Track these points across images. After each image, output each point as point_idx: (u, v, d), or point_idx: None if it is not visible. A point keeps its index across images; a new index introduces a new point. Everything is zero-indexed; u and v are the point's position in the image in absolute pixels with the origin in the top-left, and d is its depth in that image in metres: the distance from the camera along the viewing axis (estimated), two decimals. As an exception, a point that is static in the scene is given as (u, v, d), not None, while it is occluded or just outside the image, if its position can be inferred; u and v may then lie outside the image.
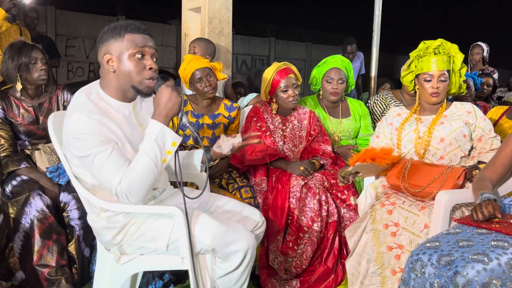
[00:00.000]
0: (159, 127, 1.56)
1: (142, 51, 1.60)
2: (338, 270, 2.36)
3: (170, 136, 1.57)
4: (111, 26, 1.64)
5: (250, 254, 1.69)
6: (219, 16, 3.77)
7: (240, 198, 2.38)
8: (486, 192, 1.74)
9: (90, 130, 1.53)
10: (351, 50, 4.90)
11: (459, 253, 1.48)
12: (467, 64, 4.95)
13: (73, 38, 9.00)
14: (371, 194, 2.27)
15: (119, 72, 1.62)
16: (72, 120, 1.56)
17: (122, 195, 1.56)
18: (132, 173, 1.54)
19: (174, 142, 1.58)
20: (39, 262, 2.15)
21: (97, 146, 1.54)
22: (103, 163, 1.54)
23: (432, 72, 2.22)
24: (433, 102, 2.28)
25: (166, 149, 1.57)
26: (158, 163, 1.56)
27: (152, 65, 1.62)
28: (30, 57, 2.35)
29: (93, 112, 1.57)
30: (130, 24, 1.62)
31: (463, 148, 2.22)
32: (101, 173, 1.55)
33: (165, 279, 2.37)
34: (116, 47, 1.60)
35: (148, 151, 1.55)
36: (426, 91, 2.26)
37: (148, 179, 1.56)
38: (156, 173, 1.56)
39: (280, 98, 2.63)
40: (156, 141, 1.55)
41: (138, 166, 1.55)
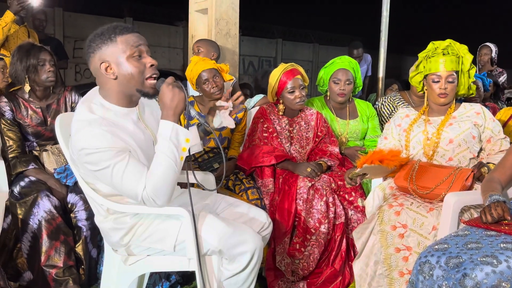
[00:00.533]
0: (170, 126, 1.55)
1: (139, 50, 1.57)
2: (346, 272, 2.35)
3: (182, 133, 1.57)
4: (98, 33, 1.58)
5: (257, 256, 1.69)
6: (226, 17, 3.77)
7: (247, 200, 2.38)
8: (495, 193, 1.72)
9: (104, 143, 1.51)
10: (357, 54, 4.88)
11: (468, 255, 1.46)
12: (476, 65, 4.91)
13: (81, 40, 9.06)
14: (379, 195, 2.26)
15: (121, 77, 1.58)
16: (82, 136, 1.52)
17: (149, 199, 1.55)
18: (155, 177, 1.53)
19: (187, 139, 1.58)
20: (47, 263, 2.16)
21: (114, 157, 1.51)
22: (124, 172, 1.52)
23: (440, 73, 2.21)
24: (441, 103, 2.26)
25: (181, 146, 1.56)
26: (177, 161, 1.55)
27: (152, 62, 1.60)
28: (38, 59, 2.36)
29: (103, 124, 1.54)
30: (117, 26, 1.58)
31: (472, 150, 2.20)
32: (122, 182, 1.53)
33: (172, 280, 2.37)
34: (111, 53, 1.55)
35: (166, 151, 1.54)
36: (434, 92, 2.24)
37: (171, 179, 1.55)
38: (177, 171, 1.56)
39: (287, 99, 2.62)
40: (171, 140, 1.54)
41: (160, 168, 1.54)
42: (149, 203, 1.56)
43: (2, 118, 2.37)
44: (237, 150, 2.81)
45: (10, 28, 3.48)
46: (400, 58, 14.06)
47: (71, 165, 1.75)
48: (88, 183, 1.70)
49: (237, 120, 2.81)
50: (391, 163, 2.11)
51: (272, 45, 12.60)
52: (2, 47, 3.62)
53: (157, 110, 1.85)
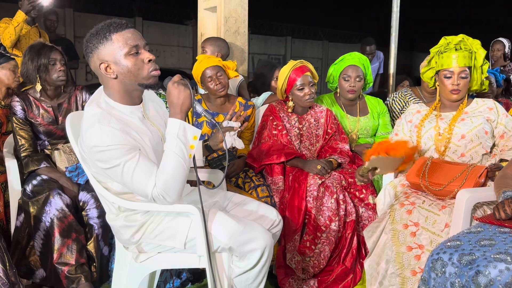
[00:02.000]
0: (178, 124, 1.56)
1: (136, 47, 1.55)
2: (357, 270, 2.33)
3: (190, 130, 1.58)
4: (93, 32, 1.56)
5: (267, 253, 1.68)
6: (235, 15, 3.77)
7: (257, 197, 2.38)
8: (508, 190, 1.70)
9: (115, 141, 1.51)
10: (370, 51, 4.85)
11: (481, 252, 1.45)
12: (488, 60, 4.84)
13: (92, 40, 9.14)
14: (390, 193, 2.23)
15: (121, 76, 1.57)
16: (93, 133, 1.52)
17: (159, 197, 1.55)
18: (165, 174, 1.54)
19: (195, 136, 1.59)
20: (59, 260, 2.18)
21: (125, 155, 1.52)
22: (134, 170, 1.53)
23: (452, 69, 2.17)
24: (453, 99, 2.23)
25: (189, 144, 1.57)
26: (186, 158, 1.56)
27: (150, 56, 1.57)
28: (49, 58, 2.38)
29: (112, 122, 1.54)
30: (111, 23, 1.55)
31: (484, 145, 2.17)
32: (133, 180, 1.54)
33: (182, 277, 2.38)
34: (108, 52, 1.54)
35: (174, 148, 1.55)
36: (446, 88, 2.21)
37: (180, 176, 1.56)
38: (186, 168, 1.57)
39: (296, 96, 2.61)
40: (179, 137, 1.55)
41: (169, 166, 1.55)
42: (160, 201, 1.57)
43: (14, 117, 2.40)
44: (247, 148, 2.81)
45: (22, 28, 3.52)
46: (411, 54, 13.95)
47: (82, 163, 1.76)
48: (100, 182, 1.72)
49: (246, 117, 2.80)
50: (397, 152, 2.08)
51: (281, 43, 12.57)
52: (14, 47, 3.66)
53: (163, 107, 1.87)
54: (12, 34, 3.48)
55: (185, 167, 1.57)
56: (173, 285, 2.35)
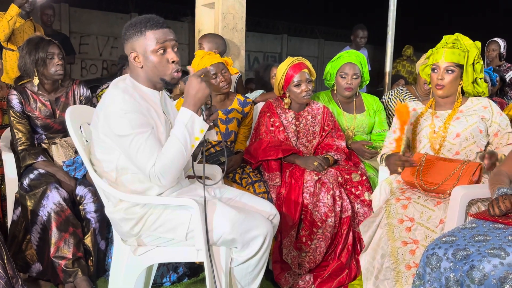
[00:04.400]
0: (189, 114, 1.63)
1: (164, 46, 1.68)
2: (352, 266, 2.36)
3: (198, 123, 1.65)
4: (132, 23, 1.70)
5: (268, 240, 1.73)
6: (232, 11, 3.77)
7: (254, 193, 2.39)
8: (503, 187, 1.73)
9: (133, 110, 1.62)
10: (363, 35, 4.93)
11: (475, 248, 1.47)
12: (484, 61, 4.88)
13: (87, 35, 9.08)
14: (386, 189, 2.26)
15: (146, 67, 1.70)
16: (116, 100, 1.64)
17: (155, 177, 1.63)
18: (165, 157, 1.62)
19: (202, 129, 1.66)
20: (56, 254, 2.18)
21: (138, 127, 1.62)
22: (141, 144, 1.62)
23: (438, 63, 2.20)
24: (438, 95, 2.25)
25: (195, 135, 1.65)
26: (188, 147, 1.64)
27: (174, 58, 1.70)
28: (47, 52, 2.38)
29: (134, 95, 1.67)
30: (149, 20, 1.68)
31: (479, 144, 2.19)
32: (137, 154, 1.62)
33: (179, 272, 2.39)
34: (140, 45, 1.68)
35: (179, 136, 1.62)
36: (433, 82, 2.25)
37: (179, 162, 1.64)
38: (186, 156, 1.64)
39: (293, 93, 2.63)
40: (186, 127, 1.62)
41: (170, 151, 1.63)
42: (155, 180, 1.65)
43: (11, 110, 2.40)
44: (244, 144, 2.82)
45: (15, 21, 3.50)
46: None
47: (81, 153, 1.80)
48: (98, 173, 1.73)
49: (244, 114, 2.82)
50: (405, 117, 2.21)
51: (277, 41, 12.56)
52: (8, 41, 3.65)
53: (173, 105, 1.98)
54: (6, 28, 3.46)
55: (185, 155, 1.64)
56: (170, 279, 2.36)
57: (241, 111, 2.81)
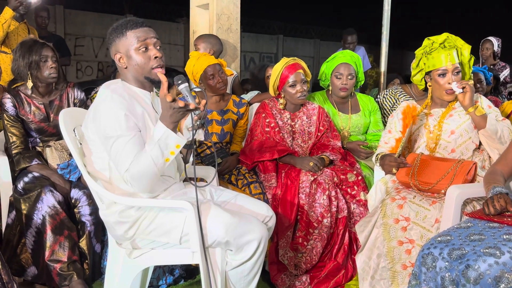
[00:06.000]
0: (162, 131, 1.61)
1: (145, 43, 1.71)
2: (348, 266, 2.36)
3: (173, 139, 1.62)
4: (114, 27, 1.77)
5: (263, 244, 1.72)
6: (227, 12, 3.77)
7: (250, 194, 2.39)
8: (498, 185, 1.73)
9: (121, 110, 1.64)
10: (351, 41, 4.90)
11: (471, 247, 1.47)
12: (478, 60, 4.90)
13: (82, 37, 9.07)
14: (381, 189, 2.26)
15: (130, 67, 1.74)
16: (104, 98, 1.68)
17: (127, 182, 1.65)
18: (136, 166, 1.62)
19: (178, 145, 1.64)
20: (51, 258, 2.17)
21: (122, 130, 1.63)
22: (120, 147, 1.63)
23: (445, 67, 2.18)
24: (447, 99, 2.24)
25: (169, 150, 1.63)
26: (159, 162, 1.62)
27: (156, 54, 1.72)
28: (40, 55, 2.36)
29: (124, 95, 1.70)
30: (129, 21, 1.74)
31: (474, 139, 2.20)
32: (116, 157, 1.64)
33: (175, 274, 2.38)
34: (122, 46, 1.73)
35: (150, 152, 1.61)
36: (442, 87, 2.21)
37: (148, 175, 1.63)
38: (156, 170, 1.62)
39: (288, 93, 2.63)
40: (159, 143, 1.61)
41: (140, 162, 1.62)
42: (128, 185, 1.66)
43: (5, 114, 2.38)
44: (239, 145, 2.82)
45: (9, 24, 3.48)
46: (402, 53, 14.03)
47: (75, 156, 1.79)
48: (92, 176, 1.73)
49: (239, 115, 2.82)
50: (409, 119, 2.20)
51: (273, 41, 12.58)
52: (2, 44, 3.62)
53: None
54: (0, 31, 3.45)
55: (156, 169, 1.62)
56: (166, 282, 2.35)
57: (237, 112, 2.81)
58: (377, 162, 2.32)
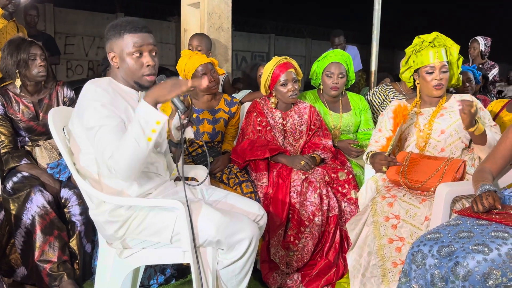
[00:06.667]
0: (142, 106, 1.57)
1: (140, 50, 1.70)
2: (339, 264, 2.37)
3: (153, 115, 1.56)
4: (113, 25, 1.74)
5: (254, 243, 1.72)
6: (218, 11, 3.76)
7: (241, 193, 2.39)
8: (486, 183, 1.74)
9: (102, 101, 1.63)
10: (339, 42, 4.92)
11: (460, 244, 1.49)
12: (467, 59, 4.94)
13: (72, 36, 8.98)
14: (372, 187, 2.27)
15: (121, 68, 1.74)
16: (87, 91, 1.68)
17: (111, 168, 1.59)
18: (119, 150, 1.57)
19: (158, 121, 1.56)
20: (41, 258, 2.16)
21: (104, 120, 1.61)
22: (103, 136, 1.60)
23: (433, 64, 2.21)
24: (436, 95, 2.27)
25: (150, 127, 1.56)
26: (141, 142, 1.55)
27: (149, 62, 1.71)
28: (29, 53, 2.34)
29: (108, 90, 1.69)
30: (129, 23, 1.71)
31: (464, 139, 2.22)
32: (99, 146, 1.60)
33: (166, 274, 2.38)
34: (117, 46, 1.71)
35: (131, 130, 1.57)
36: (429, 84, 2.24)
37: (132, 158, 1.56)
38: (139, 152, 1.56)
39: (279, 92, 2.63)
40: (139, 120, 1.57)
41: (123, 145, 1.57)
42: (112, 173, 1.60)
43: (-7, 113, 2.36)
44: (231, 144, 2.81)
45: None
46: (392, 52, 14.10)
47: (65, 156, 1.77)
48: (82, 175, 1.71)
49: (231, 114, 2.81)
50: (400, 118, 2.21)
51: (265, 40, 12.58)
52: (-9, 43, 3.58)
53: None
54: None
55: (139, 152, 1.55)
56: (157, 281, 2.34)
57: (228, 111, 2.80)
58: (368, 161, 2.33)
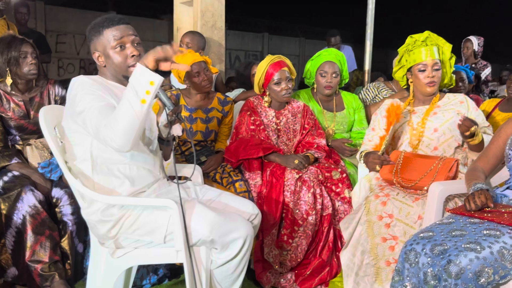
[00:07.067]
0: (136, 68, 1.53)
1: (121, 42, 1.70)
2: (333, 263, 2.37)
3: (146, 75, 1.51)
4: (92, 25, 1.75)
5: (249, 242, 1.71)
6: (211, 9, 3.75)
7: (235, 192, 2.38)
8: (478, 182, 1.75)
9: (91, 87, 1.64)
10: (335, 42, 4.94)
11: (452, 243, 1.49)
12: (460, 58, 4.97)
13: (63, 34, 8.90)
14: (365, 186, 2.27)
15: (108, 65, 1.73)
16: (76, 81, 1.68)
17: (107, 137, 1.54)
18: (114, 116, 1.54)
19: (151, 81, 1.51)
20: (32, 258, 2.13)
21: (94, 100, 1.61)
22: (97, 112, 1.59)
23: (425, 62, 2.23)
24: (429, 92, 2.28)
25: (144, 89, 1.50)
26: (136, 104, 1.50)
27: (133, 52, 1.70)
28: (20, 51, 2.32)
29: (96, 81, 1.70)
30: (106, 19, 1.72)
31: (456, 138, 2.23)
32: (93, 122, 1.59)
33: (159, 274, 2.36)
34: (100, 44, 1.71)
35: (125, 94, 1.53)
36: (422, 81, 2.25)
37: (128, 120, 1.51)
38: (134, 115, 1.51)
39: (273, 91, 2.62)
40: (132, 81, 1.52)
41: (118, 110, 1.54)
42: (108, 142, 1.55)
43: (-17, 111, 2.33)
44: (224, 143, 2.80)
45: None
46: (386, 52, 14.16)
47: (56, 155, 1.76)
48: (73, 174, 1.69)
49: (224, 113, 2.80)
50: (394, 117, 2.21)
51: (258, 39, 12.57)
52: (-18, 40, 3.54)
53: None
54: None
55: (133, 114, 1.51)
56: (150, 281, 2.33)
57: (221, 110, 2.79)
58: (361, 160, 2.33)
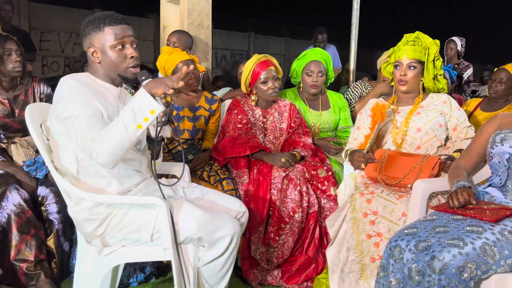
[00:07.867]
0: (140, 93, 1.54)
1: (122, 42, 1.69)
2: (319, 260, 2.39)
3: (150, 102, 1.52)
4: (91, 19, 1.71)
5: (236, 240, 1.72)
6: (198, 8, 3.74)
7: (222, 190, 2.38)
8: (461, 180, 1.79)
9: (78, 93, 1.62)
10: (322, 39, 4.97)
11: (436, 239, 1.52)
12: (443, 59, 5.05)
13: (48, 31, 8.77)
14: (350, 184, 2.30)
15: (104, 62, 1.71)
16: (63, 84, 1.66)
17: (93, 152, 1.55)
18: (105, 134, 1.54)
19: (152, 110, 1.53)
20: (17, 257, 2.11)
21: (81, 108, 1.59)
22: (83, 123, 1.57)
23: (401, 60, 2.28)
24: (401, 90, 2.33)
25: (144, 115, 1.52)
26: (130, 128, 1.51)
27: (133, 53, 1.71)
28: (4, 48, 2.30)
29: (84, 83, 1.67)
30: (108, 16, 1.69)
31: (439, 138, 2.28)
32: (78, 133, 1.58)
33: (146, 272, 2.36)
34: (98, 40, 1.69)
35: (122, 115, 1.54)
36: (395, 78, 2.32)
37: (117, 141, 1.52)
38: (126, 138, 1.52)
39: (260, 90, 2.64)
40: (133, 106, 1.53)
41: (111, 128, 1.54)
42: (93, 157, 1.56)
43: (-34, 109, 2.29)
44: (211, 141, 2.81)
45: None
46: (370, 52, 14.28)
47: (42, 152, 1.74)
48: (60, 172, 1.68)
49: (211, 111, 2.81)
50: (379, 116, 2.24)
51: (244, 39, 12.56)
52: (-36, 37, 3.47)
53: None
54: None
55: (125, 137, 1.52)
56: (137, 279, 2.33)
57: (209, 108, 2.80)
58: (347, 158, 2.36)
